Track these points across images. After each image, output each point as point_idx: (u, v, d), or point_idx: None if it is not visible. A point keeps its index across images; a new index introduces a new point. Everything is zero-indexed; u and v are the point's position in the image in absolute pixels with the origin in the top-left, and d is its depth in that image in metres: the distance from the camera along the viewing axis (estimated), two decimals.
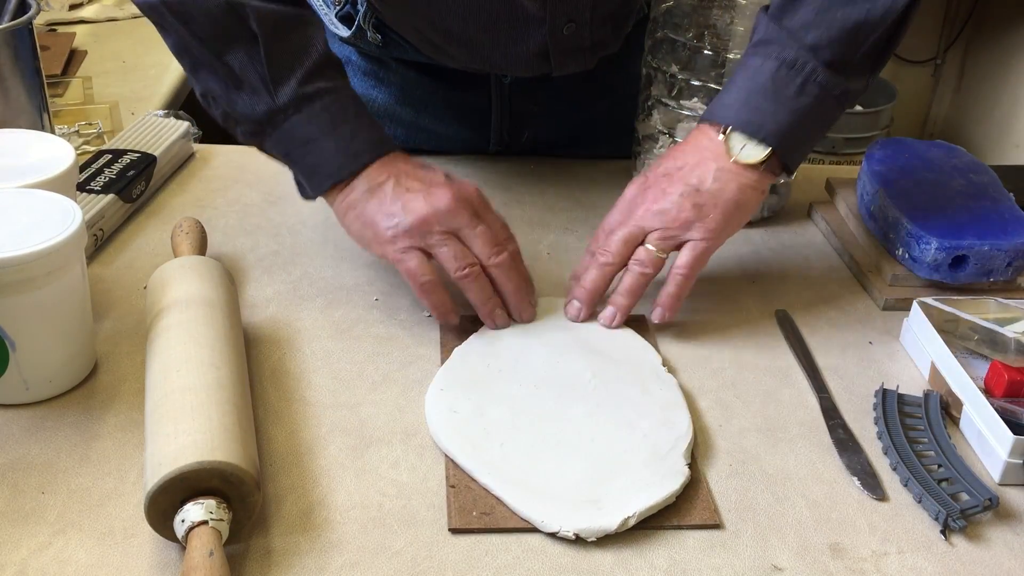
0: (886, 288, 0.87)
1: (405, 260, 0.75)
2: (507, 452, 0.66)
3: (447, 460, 0.66)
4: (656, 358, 0.76)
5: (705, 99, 0.94)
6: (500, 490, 0.63)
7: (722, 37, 0.91)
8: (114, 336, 0.76)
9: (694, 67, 0.93)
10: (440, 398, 0.71)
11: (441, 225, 0.75)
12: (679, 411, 0.71)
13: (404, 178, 0.77)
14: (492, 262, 0.76)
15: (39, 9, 0.94)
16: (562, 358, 0.75)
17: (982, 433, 0.69)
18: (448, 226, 0.75)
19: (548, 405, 0.70)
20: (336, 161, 0.78)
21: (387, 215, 0.75)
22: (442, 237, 0.75)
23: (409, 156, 0.80)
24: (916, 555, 0.62)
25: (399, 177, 0.77)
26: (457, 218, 0.75)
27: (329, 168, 0.78)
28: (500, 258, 0.76)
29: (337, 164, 0.78)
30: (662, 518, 0.62)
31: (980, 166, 0.95)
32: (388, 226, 0.75)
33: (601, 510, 0.62)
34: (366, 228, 0.77)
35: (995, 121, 2.56)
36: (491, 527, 0.61)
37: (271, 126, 0.78)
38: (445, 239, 0.75)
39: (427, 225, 0.74)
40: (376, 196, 0.76)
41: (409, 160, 0.79)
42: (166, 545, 0.58)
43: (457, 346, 0.76)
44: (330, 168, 0.78)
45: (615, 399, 0.71)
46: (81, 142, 1.12)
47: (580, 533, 0.60)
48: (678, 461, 0.66)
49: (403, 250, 0.75)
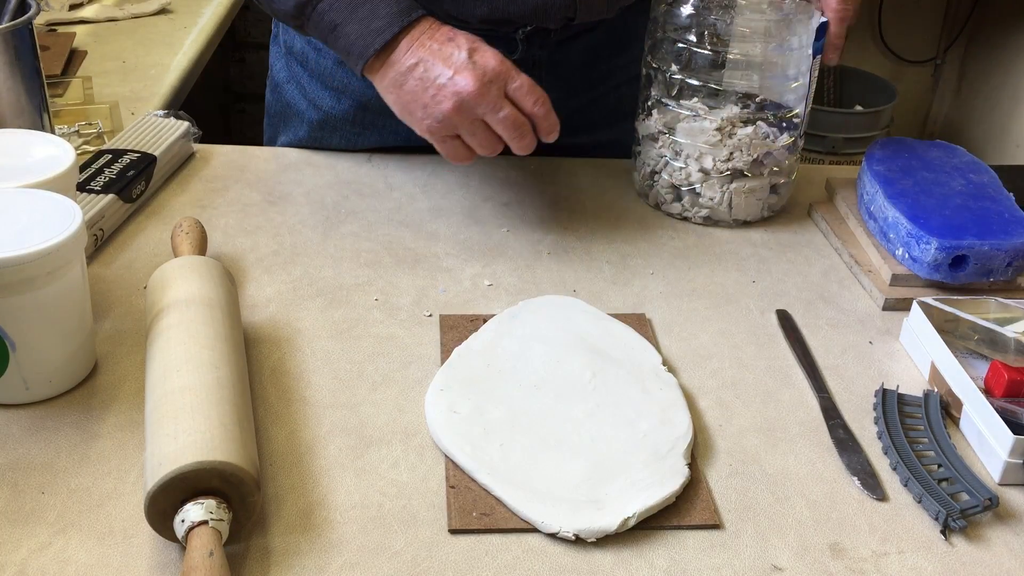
0: (886, 288, 0.87)
1: (443, 147, 0.84)
2: (507, 452, 0.66)
3: (447, 460, 0.66)
4: (656, 358, 0.76)
5: (705, 99, 0.94)
6: (500, 490, 0.63)
7: (722, 37, 0.91)
8: (114, 336, 0.76)
9: (694, 67, 0.93)
10: (440, 398, 0.71)
11: (467, 115, 0.81)
12: (679, 411, 0.71)
13: (431, 64, 0.81)
14: (515, 146, 0.83)
15: (39, 9, 0.94)
16: (562, 358, 0.75)
17: (982, 433, 0.69)
18: (475, 113, 0.81)
19: (548, 405, 0.70)
20: (362, 42, 0.83)
21: (421, 105, 0.82)
22: (471, 127, 0.82)
23: (436, 24, 0.84)
24: (916, 555, 0.62)
25: (426, 62, 0.82)
26: (482, 104, 0.80)
27: (357, 49, 0.83)
28: (523, 142, 0.83)
29: (362, 45, 0.83)
30: (662, 518, 0.63)
31: (980, 166, 0.95)
32: (422, 116, 0.82)
33: (601, 511, 0.62)
34: (405, 113, 0.84)
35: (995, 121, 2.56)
36: (491, 527, 0.61)
37: (303, 17, 0.85)
38: (474, 127, 0.82)
39: (456, 116, 0.81)
40: (408, 83, 0.82)
41: (435, 33, 0.83)
42: (166, 545, 0.58)
43: (457, 346, 0.76)
44: (358, 49, 0.83)
45: (615, 399, 0.71)
46: (81, 142, 1.11)
47: (580, 534, 0.61)
48: (678, 461, 0.66)
49: (440, 139, 0.84)
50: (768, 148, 0.94)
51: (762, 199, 0.97)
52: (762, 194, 0.96)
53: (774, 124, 0.95)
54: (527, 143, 0.84)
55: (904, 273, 0.86)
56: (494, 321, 0.79)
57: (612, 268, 0.89)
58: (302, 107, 1.08)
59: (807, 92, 0.94)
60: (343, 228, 0.93)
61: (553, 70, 1.01)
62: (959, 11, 2.71)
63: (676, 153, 0.96)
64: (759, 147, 0.93)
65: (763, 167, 0.95)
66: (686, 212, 0.97)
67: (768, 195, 0.97)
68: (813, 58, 0.91)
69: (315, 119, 1.06)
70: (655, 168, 0.98)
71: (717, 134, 0.93)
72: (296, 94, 1.08)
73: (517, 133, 0.82)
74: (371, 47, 0.82)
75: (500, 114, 0.81)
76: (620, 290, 0.86)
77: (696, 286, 0.88)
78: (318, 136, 1.07)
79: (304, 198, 0.98)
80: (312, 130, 1.07)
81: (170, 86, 1.34)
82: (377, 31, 0.82)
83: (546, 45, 1.00)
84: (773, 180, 0.96)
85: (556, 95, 1.04)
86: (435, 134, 0.83)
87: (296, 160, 1.05)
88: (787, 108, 0.94)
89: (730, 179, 0.94)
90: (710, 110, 0.94)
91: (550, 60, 1.01)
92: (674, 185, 0.97)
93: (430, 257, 0.89)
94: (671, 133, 0.95)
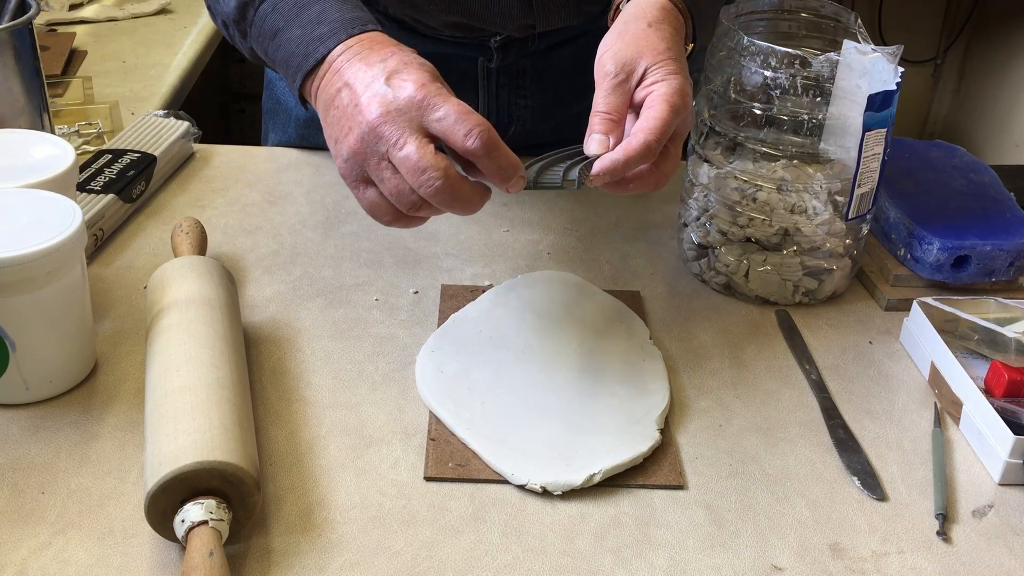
0: (888, 288, 0.86)
1: (358, 195, 0.66)
2: (487, 411, 0.69)
3: (430, 415, 0.70)
4: (644, 331, 0.79)
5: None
6: (476, 444, 0.67)
7: (785, 95, 0.85)
8: (114, 336, 0.76)
9: (747, 123, 0.83)
10: (430, 358, 0.74)
11: (372, 153, 0.63)
12: (659, 381, 0.73)
13: (352, 89, 0.65)
14: (420, 192, 0.62)
15: (39, 9, 0.94)
16: (551, 328, 0.77)
17: (982, 433, 0.69)
18: (376, 151, 0.63)
19: (532, 371, 0.73)
20: (302, 51, 0.69)
21: (334, 141, 0.66)
22: (377, 168, 0.64)
23: (381, 41, 0.68)
24: (916, 555, 0.62)
25: (349, 87, 0.66)
26: (382, 137, 0.63)
27: (296, 60, 0.69)
28: (428, 189, 0.62)
29: (302, 55, 0.69)
30: (628, 477, 0.65)
31: (980, 166, 0.95)
32: (335, 154, 0.66)
33: (569, 466, 0.65)
34: (332, 153, 0.68)
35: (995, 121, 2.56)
36: (463, 477, 0.65)
37: (246, 23, 0.73)
38: (380, 170, 0.64)
39: (360, 153, 0.64)
40: (330, 113, 0.67)
41: (370, 54, 0.67)
42: (166, 545, 0.58)
43: (454, 313, 0.80)
44: (297, 60, 0.69)
45: (598, 368, 0.74)
46: (81, 142, 1.11)
47: (547, 486, 0.64)
48: (650, 427, 0.69)
49: (354, 185, 0.66)
50: (797, 223, 0.81)
51: (791, 280, 0.83)
52: (791, 274, 0.83)
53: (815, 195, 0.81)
54: (433, 188, 0.61)
55: (906, 274, 0.86)
56: (491, 291, 0.83)
57: (612, 268, 0.89)
58: (290, 104, 1.07)
59: (856, 166, 0.78)
60: (343, 228, 0.93)
61: (539, 79, 1.00)
62: (959, 11, 2.71)
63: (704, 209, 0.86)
64: (783, 218, 0.81)
65: (790, 242, 0.82)
66: (704, 274, 0.87)
67: (802, 278, 0.83)
68: (866, 130, 0.76)
69: (302, 116, 1.06)
70: (684, 221, 0.88)
71: (737, 193, 0.82)
72: (285, 91, 1.07)
73: (419, 181, 0.61)
74: (311, 57, 0.69)
75: (401, 152, 0.62)
76: (620, 290, 0.86)
77: (696, 286, 0.87)
78: (305, 134, 1.07)
79: (304, 198, 0.98)
80: (299, 128, 1.07)
81: (170, 86, 1.34)
82: (320, 38, 0.69)
83: (528, 53, 0.99)
84: (808, 261, 0.83)
85: (544, 104, 1.04)
86: (347, 178, 0.66)
87: (296, 160, 1.05)
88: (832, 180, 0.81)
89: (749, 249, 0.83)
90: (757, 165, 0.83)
91: (535, 69, 1.01)
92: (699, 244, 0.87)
93: (430, 257, 0.89)
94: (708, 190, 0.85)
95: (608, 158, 0.66)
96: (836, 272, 0.84)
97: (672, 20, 0.74)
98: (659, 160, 0.68)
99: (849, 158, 0.78)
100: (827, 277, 0.84)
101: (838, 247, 0.83)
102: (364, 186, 0.66)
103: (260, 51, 0.75)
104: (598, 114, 0.69)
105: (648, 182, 0.68)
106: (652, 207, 0.99)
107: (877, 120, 0.76)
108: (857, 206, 0.80)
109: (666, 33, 0.72)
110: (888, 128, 0.78)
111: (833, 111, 0.78)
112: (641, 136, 0.66)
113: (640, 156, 0.66)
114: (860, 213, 0.81)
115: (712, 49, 0.84)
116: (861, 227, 0.84)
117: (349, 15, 0.70)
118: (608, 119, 0.68)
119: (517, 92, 1.03)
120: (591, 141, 0.68)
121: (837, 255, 0.83)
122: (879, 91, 0.74)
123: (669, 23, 0.73)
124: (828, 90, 0.78)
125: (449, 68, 0.97)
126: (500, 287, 0.83)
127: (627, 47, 0.71)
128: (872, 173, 0.79)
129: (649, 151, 0.66)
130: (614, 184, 0.68)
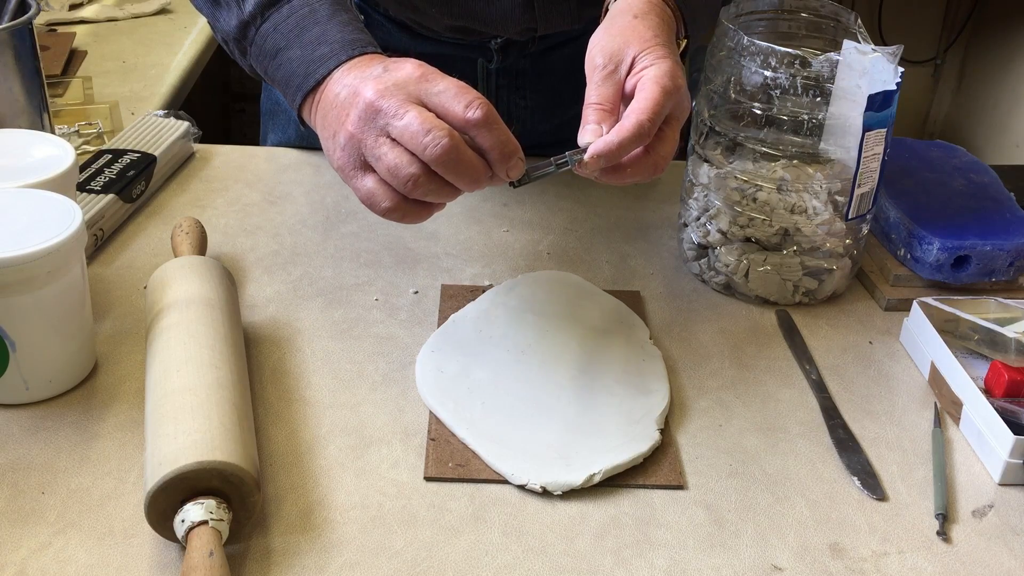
0: (888, 288, 0.86)
1: (355, 186, 0.65)
2: (487, 411, 0.69)
3: (430, 415, 0.69)
4: (644, 332, 0.79)
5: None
6: (476, 444, 0.67)
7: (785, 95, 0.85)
8: (114, 336, 0.76)
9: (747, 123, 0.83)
10: (430, 358, 0.75)
11: (370, 130, 0.63)
12: (658, 381, 0.73)
13: (345, 89, 0.66)
14: (427, 154, 0.61)
15: (39, 9, 0.94)
16: (551, 327, 0.77)
17: (982, 433, 0.69)
18: (376, 126, 0.63)
19: (532, 371, 0.73)
20: (300, 71, 0.70)
21: (331, 134, 0.66)
22: (375, 146, 0.63)
23: (379, 57, 0.69)
24: (916, 555, 0.62)
25: (347, 87, 0.66)
26: (381, 111, 0.62)
27: (297, 80, 0.70)
28: (435, 148, 0.61)
29: (301, 75, 0.69)
30: (628, 477, 0.65)
31: (980, 166, 0.95)
32: (331, 148, 0.66)
33: (569, 466, 0.65)
34: (326, 152, 0.68)
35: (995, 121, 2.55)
36: (464, 477, 0.65)
37: (247, 41, 0.73)
38: (378, 147, 0.63)
39: (358, 134, 0.64)
40: (329, 114, 0.67)
41: (370, 62, 0.67)
42: (166, 545, 0.58)
43: (454, 313, 0.80)
44: (297, 80, 0.70)
45: (597, 368, 0.74)
46: (81, 142, 1.11)
47: (547, 486, 0.64)
48: (650, 426, 0.68)
49: (350, 176, 0.66)
50: (797, 223, 0.81)
51: (791, 280, 0.83)
52: (791, 274, 0.83)
53: (815, 195, 0.81)
54: (447, 157, 0.61)
55: (906, 274, 0.86)
56: (492, 291, 0.83)
57: (612, 268, 0.89)
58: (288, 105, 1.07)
59: (856, 166, 0.78)
60: (343, 228, 0.93)
61: (539, 79, 1.00)
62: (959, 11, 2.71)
63: (704, 210, 0.86)
64: (783, 218, 0.81)
65: (790, 242, 0.82)
66: (704, 274, 0.87)
67: (802, 277, 0.84)
68: (866, 130, 0.76)
69: None
70: (684, 221, 0.89)
71: (737, 193, 0.82)
72: None
73: (424, 143, 0.60)
74: (311, 77, 0.69)
75: (401, 121, 0.61)
76: (620, 290, 0.86)
77: (696, 286, 0.87)
78: (304, 134, 1.07)
79: (304, 198, 0.98)
80: (298, 128, 1.07)
81: (170, 86, 1.34)
82: (320, 59, 0.69)
83: (528, 55, 0.99)
84: (808, 261, 0.83)
85: (544, 105, 1.04)
86: (344, 169, 0.65)
87: (296, 160, 1.05)
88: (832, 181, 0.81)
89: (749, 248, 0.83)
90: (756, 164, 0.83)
91: (535, 69, 1.01)
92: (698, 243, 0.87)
93: (430, 257, 0.89)
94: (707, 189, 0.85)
95: (602, 141, 0.65)
96: (836, 272, 0.84)
97: (659, 12, 0.74)
98: (656, 144, 0.67)
99: (849, 158, 0.78)
100: (827, 277, 0.84)
101: (838, 247, 0.83)
102: (361, 173, 0.65)
103: (260, 69, 0.76)
104: (590, 106, 0.69)
105: (646, 167, 0.68)
106: (652, 207, 0.99)
107: (877, 120, 0.76)
108: (857, 206, 0.80)
109: (652, 23, 0.72)
110: (888, 128, 0.78)
111: (833, 111, 0.78)
112: (633, 117, 0.65)
113: (634, 137, 0.65)
114: (860, 213, 0.81)
115: (712, 49, 0.84)
116: (861, 227, 0.84)
117: (350, 36, 0.70)
118: (600, 109, 0.68)
119: (517, 93, 1.03)
120: (585, 131, 0.68)
121: (837, 255, 0.83)
122: (879, 91, 0.74)
123: (656, 14, 0.73)
124: (828, 90, 0.78)
125: (449, 69, 0.96)
126: (500, 287, 0.83)
127: (614, 39, 0.71)
128: (872, 173, 0.79)
129: (642, 131, 0.65)
130: (611, 173, 0.67)
